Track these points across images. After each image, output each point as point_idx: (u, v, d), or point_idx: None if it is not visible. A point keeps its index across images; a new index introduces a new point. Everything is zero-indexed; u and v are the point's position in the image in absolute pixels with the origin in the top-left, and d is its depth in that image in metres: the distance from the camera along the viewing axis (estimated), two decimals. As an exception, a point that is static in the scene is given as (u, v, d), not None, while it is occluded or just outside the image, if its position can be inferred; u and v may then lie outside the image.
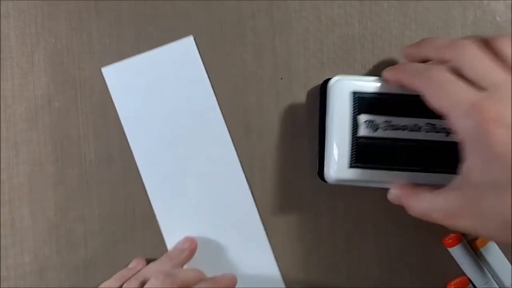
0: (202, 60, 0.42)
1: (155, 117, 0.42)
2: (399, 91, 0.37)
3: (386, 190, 0.36)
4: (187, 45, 0.42)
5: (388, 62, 0.42)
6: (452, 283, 0.40)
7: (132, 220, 0.42)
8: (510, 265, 0.40)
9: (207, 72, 0.42)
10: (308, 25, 0.42)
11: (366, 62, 0.42)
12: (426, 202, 0.33)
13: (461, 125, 0.31)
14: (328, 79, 0.40)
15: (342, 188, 0.40)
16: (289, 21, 0.42)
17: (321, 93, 0.41)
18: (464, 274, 0.41)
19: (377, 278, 0.41)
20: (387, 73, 0.36)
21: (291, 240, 0.42)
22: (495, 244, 0.41)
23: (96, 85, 0.42)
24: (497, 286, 0.40)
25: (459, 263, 0.41)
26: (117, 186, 0.42)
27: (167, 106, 0.42)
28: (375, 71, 0.42)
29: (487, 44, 0.33)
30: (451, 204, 0.32)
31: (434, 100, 0.32)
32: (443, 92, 0.32)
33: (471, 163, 0.31)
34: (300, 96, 0.42)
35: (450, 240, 0.40)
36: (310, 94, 0.42)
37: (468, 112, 0.31)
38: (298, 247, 0.42)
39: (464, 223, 0.31)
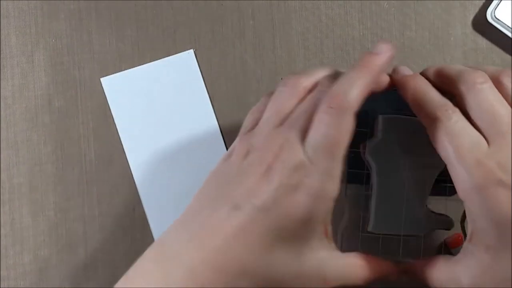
0: (201, 72, 0.42)
1: (152, 128, 0.42)
2: None
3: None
4: (187, 58, 0.42)
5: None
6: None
7: (132, 220, 0.42)
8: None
9: (206, 87, 0.42)
10: (308, 25, 0.42)
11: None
12: (446, 273, 0.32)
13: (464, 184, 0.30)
14: None
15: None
16: (289, 21, 0.42)
17: None
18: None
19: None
20: (404, 81, 0.34)
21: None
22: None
23: (96, 85, 0.42)
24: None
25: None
26: (117, 186, 0.42)
27: (165, 118, 0.42)
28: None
29: (496, 79, 0.32)
30: (470, 273, 0.31)
31: (439, 145, 0.31)
32: (450, 141, 0.31)
33: (479, 225, 0.31)
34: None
35: None
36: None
37: (473, 170, 0.30)
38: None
39: None
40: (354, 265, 0.34)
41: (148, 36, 0.42)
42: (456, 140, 0.31)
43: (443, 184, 0.34)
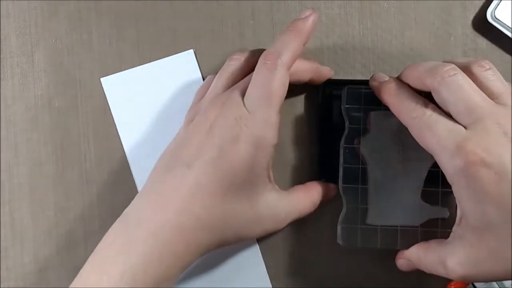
0: (201, 72, 0.42)
1: (152, 128, 0.42)
2: None
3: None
4: (187, 58, 0.42)
5: (388, 61, 0.42)
6: (452, 283, 0.40)
7: (132, 220, 0.42)
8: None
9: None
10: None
11: (367, 62, 0.42)
12: (434, 256, 0.33)
13: (449, 170, 0.31)
14: (328, 81, 0.40)
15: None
16: (289, 21, 0.42)
17: (321, 95, 0.40)
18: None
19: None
20: (379, 89, 0.36)
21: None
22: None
23: (96, 85, 0.42)
24: (497, 286, 0.40)
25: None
26: (117, 185, 0.42)
27: (165, 118, 0.42)
28: (375, 73, 0.41)
29: (468, 70, 0.32)
30: (455, 254, 0.32)
31: (421, 140, 0.33)
32: (429, 132, 0.32)
33: (465, 207, 0.31)
34: (301, 97, 0.42)
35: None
36: (310, 94, 0.42)
37: (454, 155, 0.31)
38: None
39: (474, 271, 0.31)
40: (302, 196, 0.38)
41: (148, 36, 0.42)
42: (434, 130, 0.32)
43: (437, 175, 0.35)
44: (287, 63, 0.34)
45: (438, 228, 0.37)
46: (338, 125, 0.38)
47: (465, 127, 0.31)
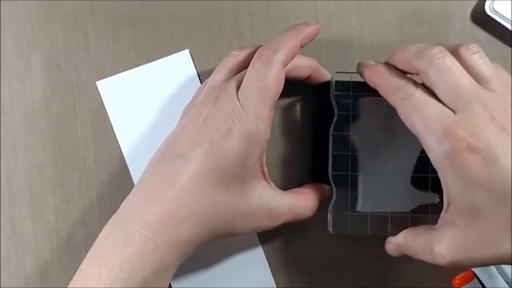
0: (197, 72, 0.42)
1: (150, 129, 0.41)
2: None
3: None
4: (183, 59, 0.41)
5: (386, 57, 0.41)
6: (457, 277, 0.40)
7: (133, 222, 0.41)
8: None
9: (201, 81, 0.42)
10: (307, 21, 0.41)
11: (365, 58, 0.41)
12: (422, 241, 0.33)
13: (436, 153, 0.31)
14: (323, 84, 0.40)
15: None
16: (286, 19, 0.42)
17: (318, 92, 0.40)
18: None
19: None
20: (367, 71, 0.36)
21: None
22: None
23: (94, 87, 0.42)
24: (502, 279, 0.40)
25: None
26: (117, 187, 0.41)
27: (162, 119, 0.41)
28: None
29: (455, 53, 0.32)
30: (442, 240, 0.32)
31: (408, 121, 0.32)
32: (416, 114, 0.32)
33: (453, 192, 0.31)
34: (299, 94, 0.42)
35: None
36: (309, 92, 0.41)
37: (441, 139, 0.31)
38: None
39: (462, 257, 0.31)
40: (298, 198, 0.38)
41: (144, 36, 0.42)
42: (422, 112, 0.32)
43: (427, 161, 0.35)
44: (282, 59, 0.34)
45: (429, 214, 0.37)
46: (330, 116, 0.38)
47: (452, 111, 0.31)
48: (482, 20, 0.41)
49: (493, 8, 0.40)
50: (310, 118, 0.41)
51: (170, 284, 0.41)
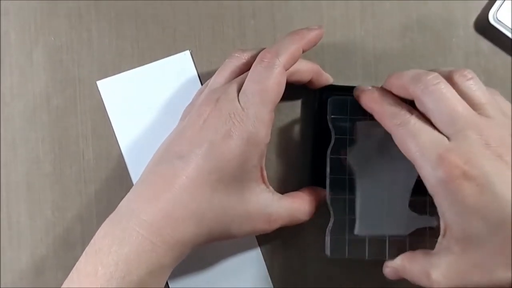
0: (198, 73, 0.41)
1: (149, 129, 0.41)
2: None
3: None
4: (184, 59, 0.41)
5: (389, 63, 0.41)
6: None
7: (130, 220, 0.41)
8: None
9: (201, 83, 0.42)
10: (309, 25, 0.41)
11: (367, 63, 0.42)
12: (420, 266, 0.33)
13: (431, 181, 0.31)
14: (326, 87, 0.40)
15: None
16: (290, 21, 0.42)
17: (318, 102, 0.40)
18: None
19: None
20: (363, 97, 0.36)
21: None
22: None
23: (95, 84, 0.42)
24: None
25: None
26: (115, 185, 0.41)
27: (162, 119, 0.41)
28: (375, 73, 0.41)
29: (450, 79, 0.33)
30: (439, 266, 0.32)
31: (404, 147, 0.33)
32: (411, 141, 0.32)
33: (448, 219, 0.31)
34: (298, 102, 0.42)
35: None
36: (307, 99, 0.41)
37: (436, 166, 0.31)
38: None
39: (458, 283, 0.31)
40: (295, 202, 0.38)
41: (148, 34, 0.42)
42: (417, 139, 0.32)
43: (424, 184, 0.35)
44: (284, 63, 0.35)
45: (427, 237, 0.37)
46: (331, 132, 0.38)
47: (447, 137, 0.31)
48: (486, 29, 0.41)
49: (497, 17, 0.40)
50: (310, 122, 0.41)
51: (167, 284, 0.41)
